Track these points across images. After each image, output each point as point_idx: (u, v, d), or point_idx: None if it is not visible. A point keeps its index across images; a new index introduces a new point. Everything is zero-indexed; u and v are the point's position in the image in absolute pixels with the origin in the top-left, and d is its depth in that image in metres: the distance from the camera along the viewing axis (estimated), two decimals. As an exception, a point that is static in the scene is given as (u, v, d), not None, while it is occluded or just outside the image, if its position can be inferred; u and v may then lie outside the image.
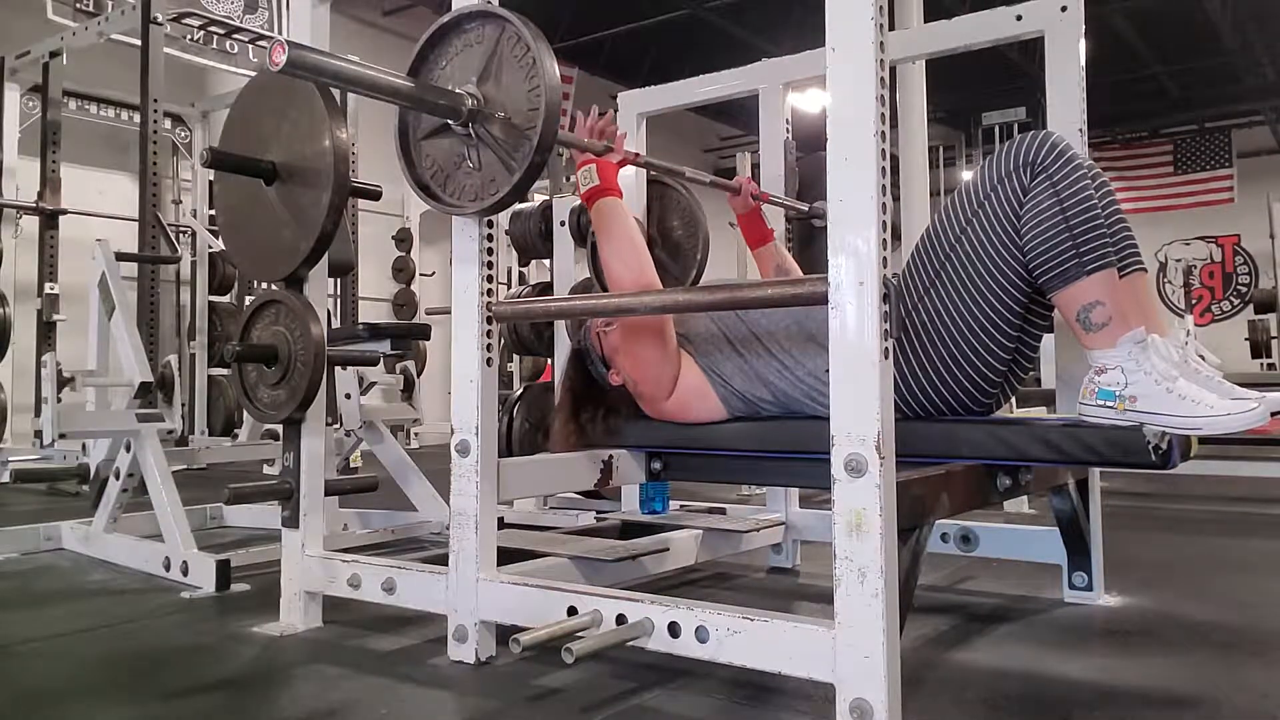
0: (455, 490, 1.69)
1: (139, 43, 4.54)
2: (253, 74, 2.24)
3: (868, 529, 1.21)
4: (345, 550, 2.07)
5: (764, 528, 2.41)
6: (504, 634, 1.54)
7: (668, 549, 2.11)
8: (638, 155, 2.11)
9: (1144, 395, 1.47)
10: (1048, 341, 1.89)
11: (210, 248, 5.96)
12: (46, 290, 4.99)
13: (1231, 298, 13.66)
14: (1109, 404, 1.50)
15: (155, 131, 4.49)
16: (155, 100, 4.49)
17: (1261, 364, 8.25)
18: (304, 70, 1.42)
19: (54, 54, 5.05)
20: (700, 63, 3.32)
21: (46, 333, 4.94)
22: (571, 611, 1.51)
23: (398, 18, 9.72)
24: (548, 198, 3.41)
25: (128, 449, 2.65)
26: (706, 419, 1.92)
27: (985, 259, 1.62)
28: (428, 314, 8.02)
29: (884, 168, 1.25)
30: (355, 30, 9.03)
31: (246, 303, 5.30)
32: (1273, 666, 1.61)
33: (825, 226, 1.27)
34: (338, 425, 3.09)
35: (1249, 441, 3.97)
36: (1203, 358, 1.52)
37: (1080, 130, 2.00)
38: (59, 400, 2.72)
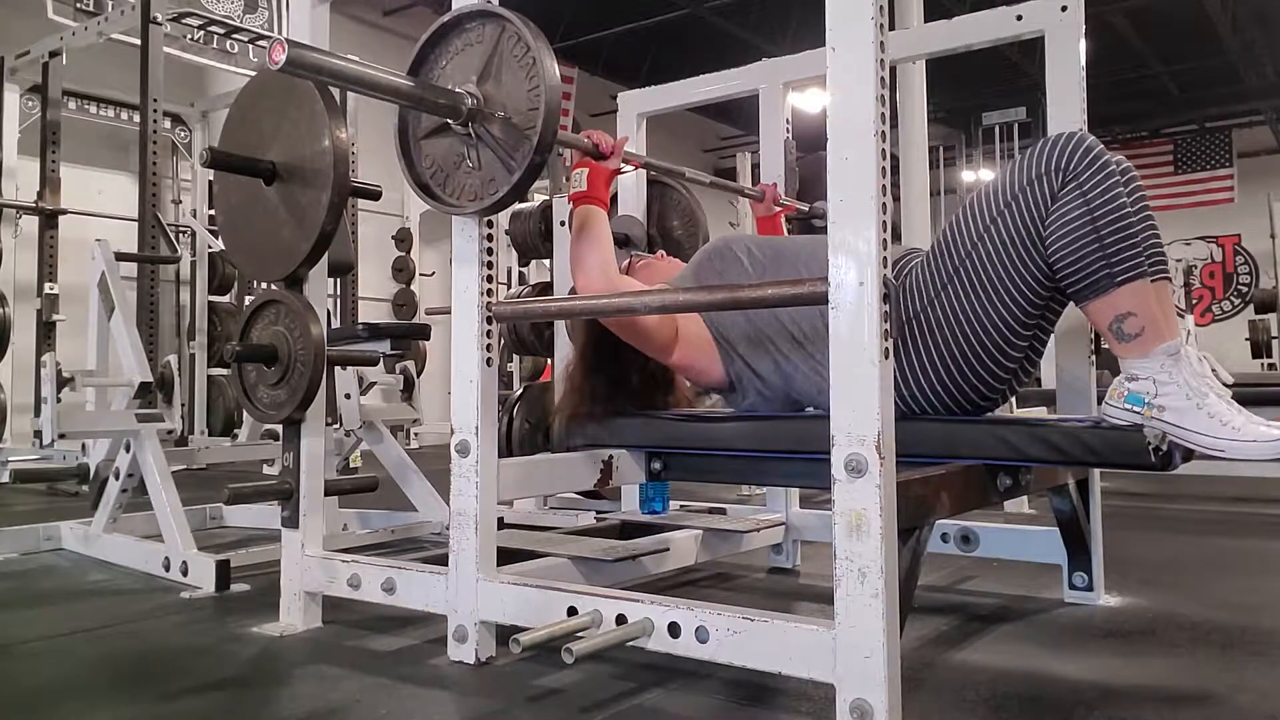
0: (455, 490, 1.69)
1: (139, 42, 4.54)
2: (253, 74, 2.24)
3: (868, 529, 1.21)
4: (345, 550, 2.07)
5: (764, 528, 2.41)
6: (504, 634, 1.54)
7: (668, 549, 2.11)
8: (637, 165, 2.12)
9: (1173, 408, 1.45)
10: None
11: (210, 248, 5.96)
12: (46, 290, 5.00)
13: (1232, 298, 13.67)
14: (1136, 409, 1.48)
15: (155, 131, 4.49)
16: (155, 100, 4.49)
17: (1262, 364, 8.25)
18: (304, 69, 1.42)
19: (54, 54, 5.05)
20: (700, 63, 3.32)
21: (46, 333, 4.95)
22: (571, 612, 1.51)
23: (398, 18, 9.72)
24: (548, 198, 3.41)
25: (127, 449, 2.65)
26: (709, 382, 1.95)
27: (1004, 264, 1.58)
28: (428, 314, 8.02)
29: (884, 168, 1.25)
30: (355, 30, 9.03)
31: (246, 303, 5.30)
32: (1273, 666, 1.61)
33: (825, 226, 1.27)
34: (338, 425, 3.09)
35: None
36: (1215, 373, 1.51)
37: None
38: (59, 400, 2.72)
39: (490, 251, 1.72)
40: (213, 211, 5.66)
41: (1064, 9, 2.06)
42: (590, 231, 1.90)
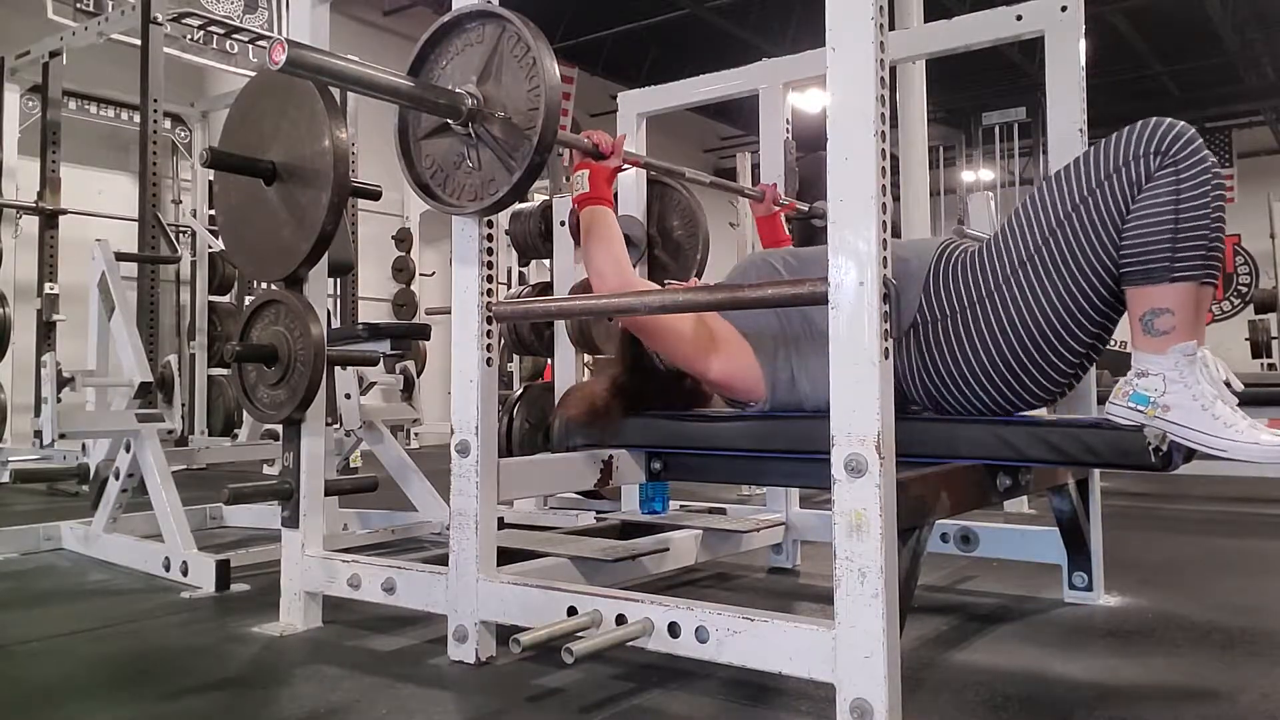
0: (455, 490, 1.69)
1: (139, 43, 4.54)
2: (253, 74, 2.24)
3: (868, 529, 1.21)
4: (345, 550, 2.07)
5: (764, 528, 2.41)
6: (504, 634, 1.54)
7: (668, 549, 2.12)
8: (639, 159, 2.12)
9: (1178, 407, 1.45)
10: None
11: (210, 248, 5.96)
12: (46, 290, 4.99)
13: (1231, 298, 13.64)
14: (1140, 408, 1.47)
15: (155, 131, 4.49)
16: (155, 100, 4.50)
17: (1262, 364, 8.24)
18: (304, 69, 1.42)
19: (54, 54, 5.05)
20: (700, 63, 3.32)
21: (46, 333, 4.94)
22: (571, 611, 1.51)
23: (398, 18, 9.72)
24: (548, 198, 3.41)
25: (127, 449, 2.65)
26: (751, 398, 1.89)
27: (1090, 247, 1.52)
28: (428, 314, 8.02)
29: (884, 168, 1.25)
30: (355, 30, 9.03)
31: (246, 303, 5.30)
32: (1273, 666, 1.61)
33: (825, 226, 1.27)
34: (338, 425, 3.09)
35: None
36: (1228, 382, 1.50)
37: (1080, 130, 2.00)
38: (59, 400, 2.72)
39: (490, 251, 1.72)
40: (213, 211, 5.66)
41: (1064, 9, 2.06)
42: (599, 231, 1.89)
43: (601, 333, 3.19)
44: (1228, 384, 1.48)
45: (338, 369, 3.02)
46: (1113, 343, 1.79)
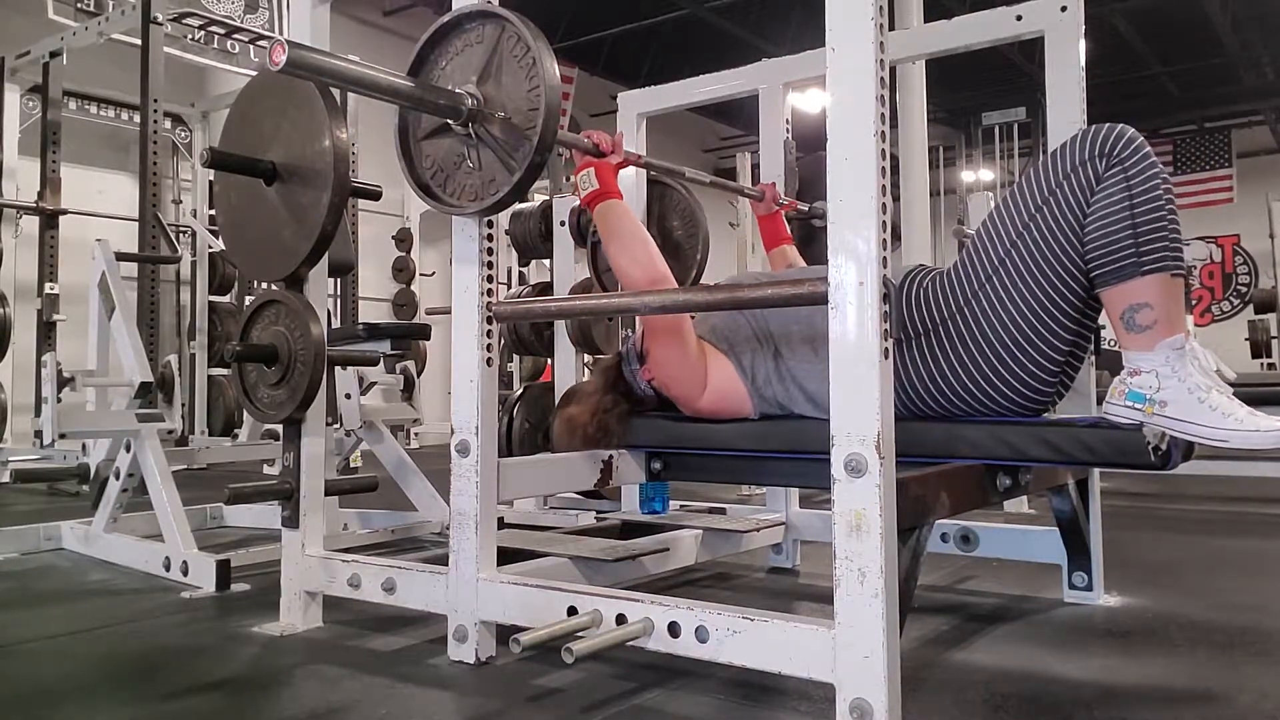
0: (455, 490, 1.69)
1: (139, 43, 4.54)
2: (253, 74, 2.24)
3: (868, 529, 1.21)
4: (345, 550, 2.07)
5: (764, 528, 2.41)
6: (504, 634, 1.54)
7: (668, 549, 2.11)
8: (639, 157, 2.11)
9: (1175, 401, 1.45)
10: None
11: (210, 248, 5.96)
12: (46, 290, 4.99)
13: (1231, 298, 13.67)
14: (1137, 406, 1.48)
15: (155, 131, 4.49)
16: (155, 100, 4.49)
17: (1262, 364, 8.24)
18: (304, 70, 1.42)
19: (54, 54, 5.05)
20: (700, 63, 3.32)
21: (46, 333, 4.94)
22: (571, 611, 1.51)
23: (398, 18, 9.73)
24: (548, 198, 3.42)
25: (128, 449, 2.65)
26: (742, 417, 1.89)
27: (1050, 253, 1.55)
28: (428, 314, 8.02)
29: (884, 168, 1.25)
30: (355, 30, 9.03)
31: (246, 303, 5.30)
32: (1273, 666, 1.61)
33: (825, 226, 1.27)
34: (338, 425, 3.09)
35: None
36: (1219, 371, 1.51)
37: (1080, 130, 2.00)
38: (59, 400, 2.72)
39: (490, 251, 1.72)
40: (213, 211, 5.66)
41: (1064, 9, 2.06)
42: (618, 227, 1.86)
43: (601, 333, 3.19)
44: (1219, 374, 1.49)
45: (338, 369, 3.02)
46: (1112, 343, 1.79)
